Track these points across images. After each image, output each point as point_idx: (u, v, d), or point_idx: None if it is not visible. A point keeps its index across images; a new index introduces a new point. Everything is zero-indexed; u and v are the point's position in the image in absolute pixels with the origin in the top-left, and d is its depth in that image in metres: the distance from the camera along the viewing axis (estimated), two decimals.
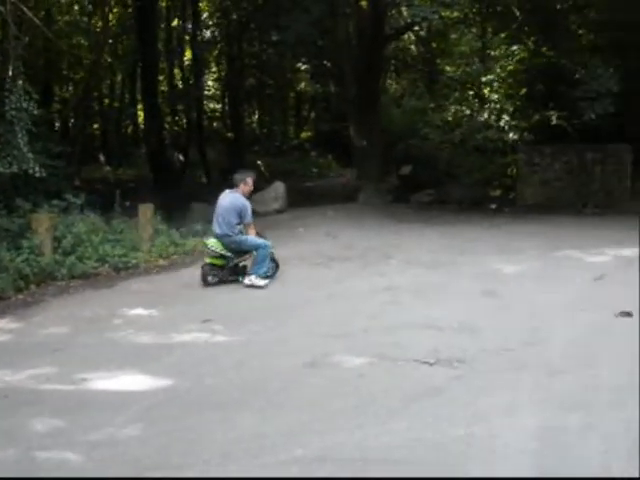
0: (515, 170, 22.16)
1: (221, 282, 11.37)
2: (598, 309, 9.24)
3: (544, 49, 22.52)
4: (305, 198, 21.68)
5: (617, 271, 11.71)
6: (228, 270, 11.48)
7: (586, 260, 12.75)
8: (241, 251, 11.50)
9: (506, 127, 24.19)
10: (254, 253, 11.35)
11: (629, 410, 5.94)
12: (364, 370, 7.07)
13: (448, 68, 31.83)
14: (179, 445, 5.52)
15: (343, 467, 5.11)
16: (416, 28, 28.38)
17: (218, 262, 11.47)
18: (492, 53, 27.74)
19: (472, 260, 12.71)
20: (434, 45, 32.51)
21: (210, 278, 11.36)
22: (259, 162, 33.40)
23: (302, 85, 38.41)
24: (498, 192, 22.75)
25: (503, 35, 25.13)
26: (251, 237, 11.44)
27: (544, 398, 6.28)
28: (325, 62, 28.29)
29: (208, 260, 11.55)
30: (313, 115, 42.59)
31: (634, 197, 20.60)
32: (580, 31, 22.62)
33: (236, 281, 11.37)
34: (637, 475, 4.22)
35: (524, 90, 24.82)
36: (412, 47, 34.72)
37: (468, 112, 26.95)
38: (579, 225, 17.13)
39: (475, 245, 14.29)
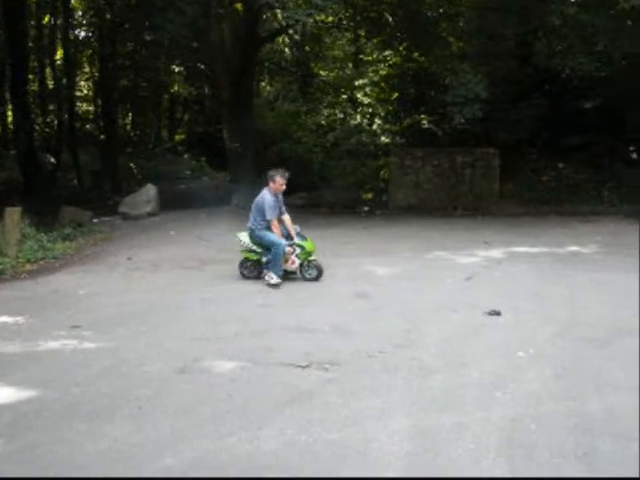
0: (387, 173, 22.47)
1: (258, 278, 11.52)
2: (468, 309, 9.46)
3: (416, 55, 22.97)
4: (178, 201, 21.42)
5: (486, 271, 12.01)
6: (265, 266, 11.46)
7: (456, 261, 13.05)
8: (265, 247, 11.42)
9: (378, 131, 24.60)
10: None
11: (498, 408, 6.06)
12: (236, 375, 6.98)
13: (322, 72, 32.06)
14: (45, 459, 5.29)
15: (217, 475, 5.02)
16: (290, 31, 28.46)
17: (251, 256, 11.64)
18: (365, 58, 28.12)
19: (345, 262, 12.81)
20: (308, 49, 32.66)
21: (246, 272, 11.69)
22: (132, 164, 32.94)
23: (176, 87, 38.07)
24: (370, 195, 23.04)
25: (376, 40, 25.48)
26: (270, 234, 11.35)
27: (416, 399, 6.33)
28: (199, 64, 28.08)
29: (242, 254, 11.75)
30: (187, 117, 42.23)
31: (502, 199, 21.23)
32: (450, 39, 23.12)
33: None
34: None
35: (396, 94, 25.26)
36: (286, 50, 34.81)
37: (341, 116, 27.30)
38: (450, 227, 17.50)
39: (348, 248, 14.42)
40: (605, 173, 21.95)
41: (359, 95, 28.10)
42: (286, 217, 11.77)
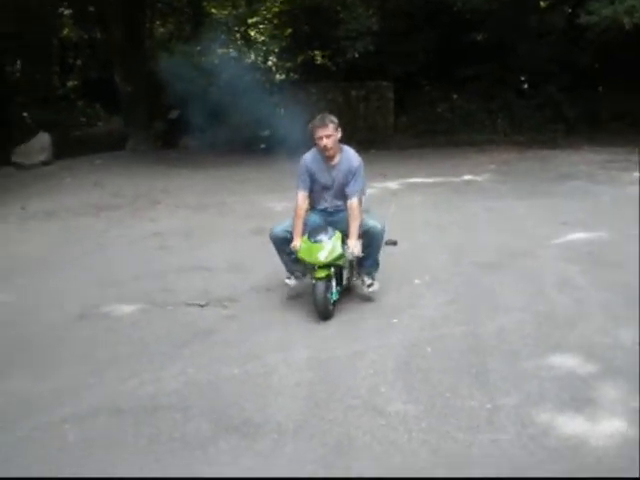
0: (283, 110, 22.37)
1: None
2: None
3: None
4: (73, 148, 20.92)
5: (382, 204, 12.13)
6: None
7: None
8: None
9: (273, 68, 24.41)
10: None
11: (395, 335, 6.19)
12: (135, 317, 6.96)
13: (214, 10, 31.54)
14: None
15: (117, 418, 5.01)
16: None
17: None
18: None
19: (242, 200, 12.79)
20: None
21: None
22: (25, 114, 31.99)
23: (66, 31, 36.92)
24: (267, 132, 22.89)
25: None
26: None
27: (315, 331, 6.42)
28: (89, 6, 27.29)
29: None
30: (79, 63, 41.05)
31: (397, 132, 21.42)
32: None
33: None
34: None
35: (289, 31, 25.06)
36: None
37: (235, 54, 26.92)
38: None
39: (245, 186, 14.38)
40: (498, 103, 22.27)
41: (252, 33, 27.79)
42: (352, 202, 6.97)
